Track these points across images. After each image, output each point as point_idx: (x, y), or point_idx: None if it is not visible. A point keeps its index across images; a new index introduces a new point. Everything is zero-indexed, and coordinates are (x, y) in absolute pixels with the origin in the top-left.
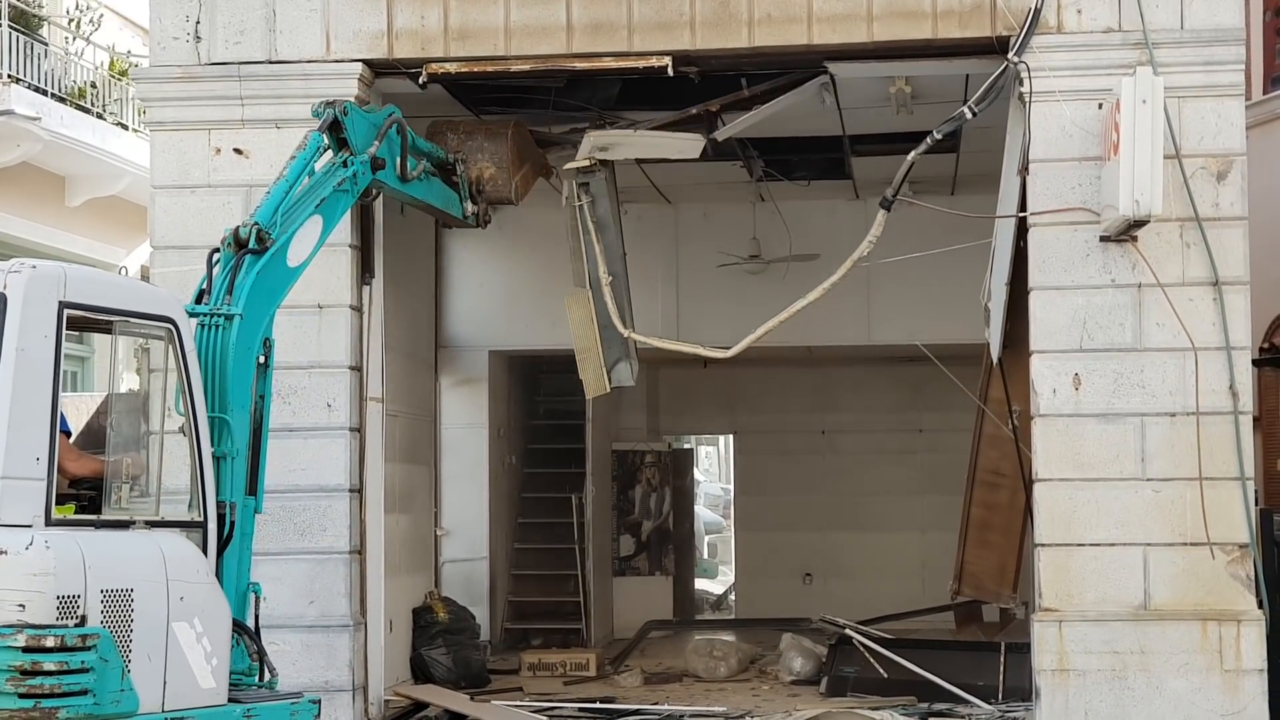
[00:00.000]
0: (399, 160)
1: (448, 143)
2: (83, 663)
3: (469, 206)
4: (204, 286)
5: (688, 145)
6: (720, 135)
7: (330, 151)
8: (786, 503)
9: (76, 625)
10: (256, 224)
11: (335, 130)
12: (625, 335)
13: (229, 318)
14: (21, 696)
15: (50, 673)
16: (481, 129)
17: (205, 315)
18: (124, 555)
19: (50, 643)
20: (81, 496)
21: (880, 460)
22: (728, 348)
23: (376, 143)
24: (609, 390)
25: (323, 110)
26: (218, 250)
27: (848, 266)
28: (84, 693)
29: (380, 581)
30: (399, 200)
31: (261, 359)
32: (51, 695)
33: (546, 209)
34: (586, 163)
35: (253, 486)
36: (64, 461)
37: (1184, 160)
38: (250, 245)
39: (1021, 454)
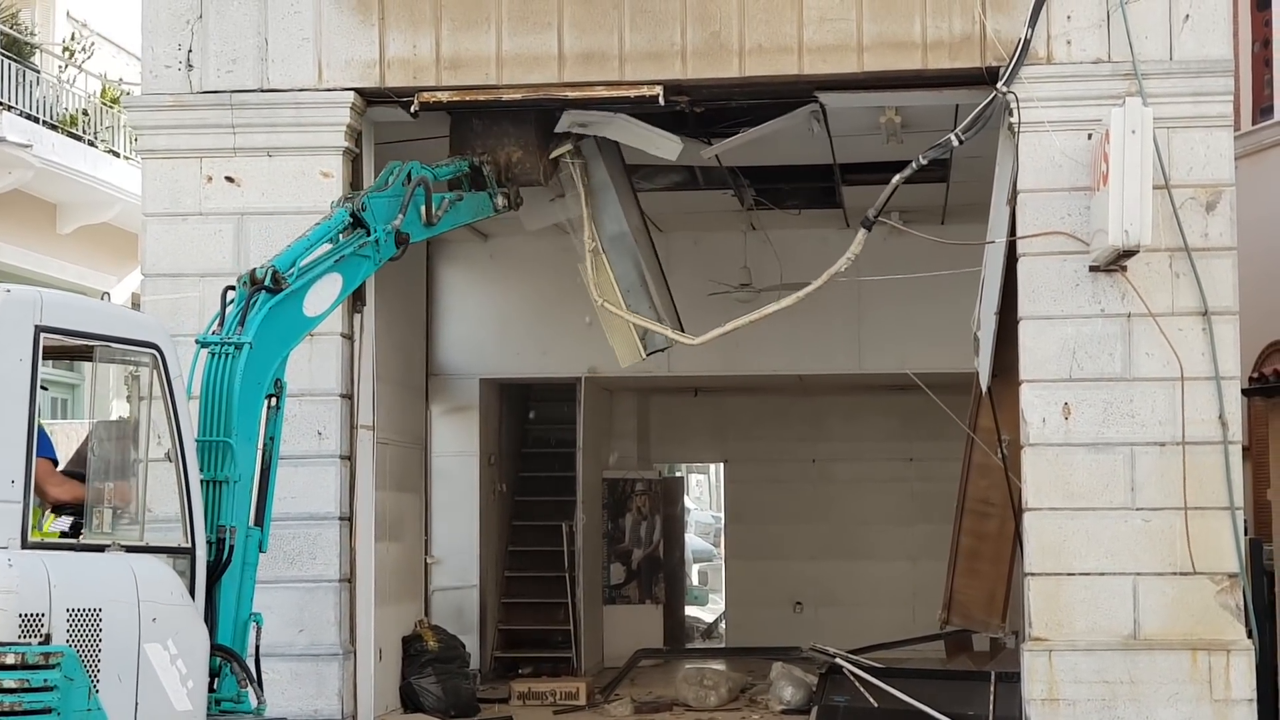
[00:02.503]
0: (424, 210)
1: (473, 129)
2: (45, 681)
3: (499, 201)
4: (215, 325)
5: (666, 145)
6: (707, 154)
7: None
8: (777, 531)
9: (40, 643)
10: (274, 267)
11: (356, 220)
12: (599, 304)
13: (239, 346)
14: None
15: (10, 690)
16: (507, 114)
17: (217, 344)
18: (92, 575)
19: (11, 660)
20: (70, 525)
21: (871, 489)
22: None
23: (401, 215)
24: (644, 358)
25: (340, 204)
26: (233, 288)
27: (824, 279)
28: (47, 711)
29: (370, 610)
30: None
31: (273, 401)
32: (12, 713)
33: (537, 238)
34: (569, 148)
35: (259, 518)
36: (47, 486)
37: (1173, 190)
38: (266, 284)
39: (1011, 483)
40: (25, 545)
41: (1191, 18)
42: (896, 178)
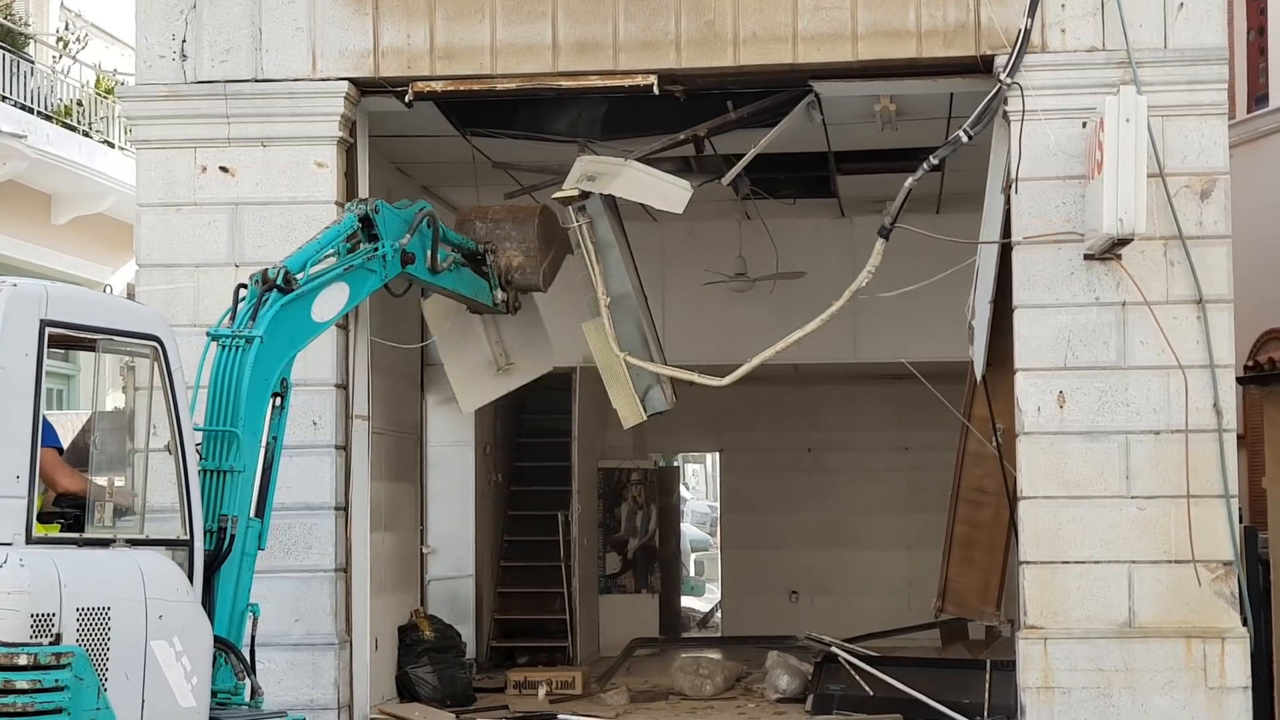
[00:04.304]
0: (429, 252)
1: (476, 231)
2: (57, 681)
3: (499, 295)
4: (226, 320)
5: (674, 195)
6: (725, 180)
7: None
8: (773, 520)
9: (51, 643)
10: (285, 268)
11: (367, 225)
12: (621, 358)
13: (250, 340)
14: None
15: (23, 691)
16: (509, 216)
17: (228, 337)
18: (101, 573)
19: (23, 661)
20: (67, 515)
21: (866, 478)
22: (723, 376)
23: (408, 235)
24: (644, 418)
25: (355, 206)
26: (244, 286)
27: (846, 297)
28: (58, 711)
29: (366, 600)
30: (430, 290)
31: (278, 400)
32: (25, 714)
33: None
34: (574, 192)
35: (259, 514)
36: (56, 476)
37: (1167, 179)
38: (278, 284)
39: (1006, 471)
40: (30, 541)
41: (1186, 6)
42: (909, 180)
